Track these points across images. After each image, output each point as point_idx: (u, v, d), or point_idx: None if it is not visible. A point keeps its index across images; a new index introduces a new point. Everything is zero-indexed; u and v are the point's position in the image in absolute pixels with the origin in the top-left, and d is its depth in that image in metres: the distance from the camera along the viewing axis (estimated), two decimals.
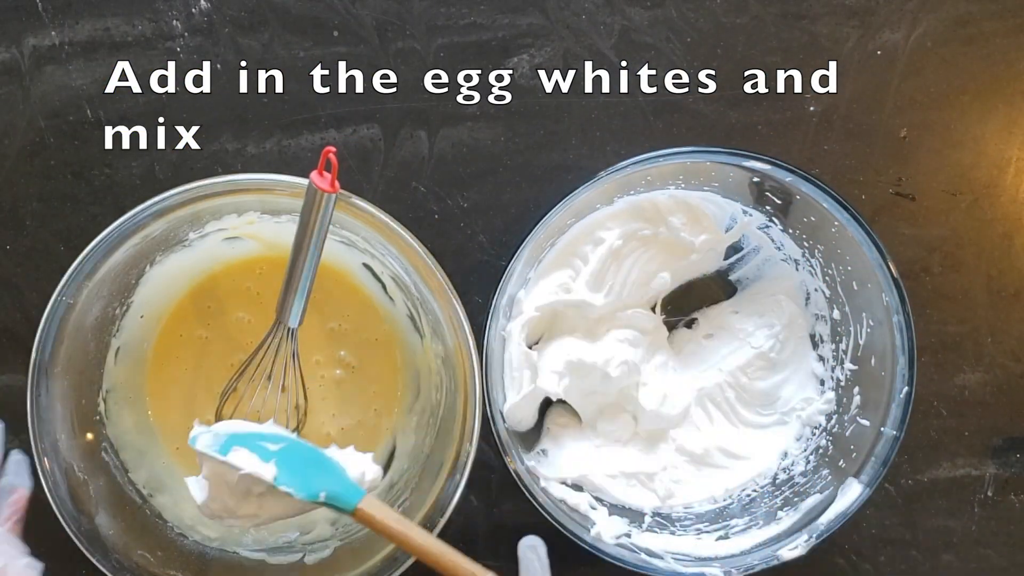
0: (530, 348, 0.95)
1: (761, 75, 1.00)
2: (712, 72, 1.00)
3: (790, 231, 0.94)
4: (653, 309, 1.00)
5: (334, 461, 0.87)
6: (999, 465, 1.02)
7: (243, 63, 0.98)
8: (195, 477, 0.87)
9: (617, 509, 0.97)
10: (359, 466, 0.90)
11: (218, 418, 0.94)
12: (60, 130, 0.98)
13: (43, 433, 0.88)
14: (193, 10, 0.98)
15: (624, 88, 1.00)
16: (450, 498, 0.89)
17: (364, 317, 0.99)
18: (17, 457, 0.87)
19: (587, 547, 0.90)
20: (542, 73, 0.99)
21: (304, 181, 0.86)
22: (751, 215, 0.95)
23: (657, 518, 0.97)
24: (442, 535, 0.88)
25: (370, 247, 0.94)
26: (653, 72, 1.00)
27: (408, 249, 0.88)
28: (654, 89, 1.00)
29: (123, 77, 0.98)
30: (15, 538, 0.82)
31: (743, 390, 1.00)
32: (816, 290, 0.97)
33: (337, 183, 0.85)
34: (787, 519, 0.94)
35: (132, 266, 0.92)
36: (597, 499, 0.97)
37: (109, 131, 0.98)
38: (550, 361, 0.95)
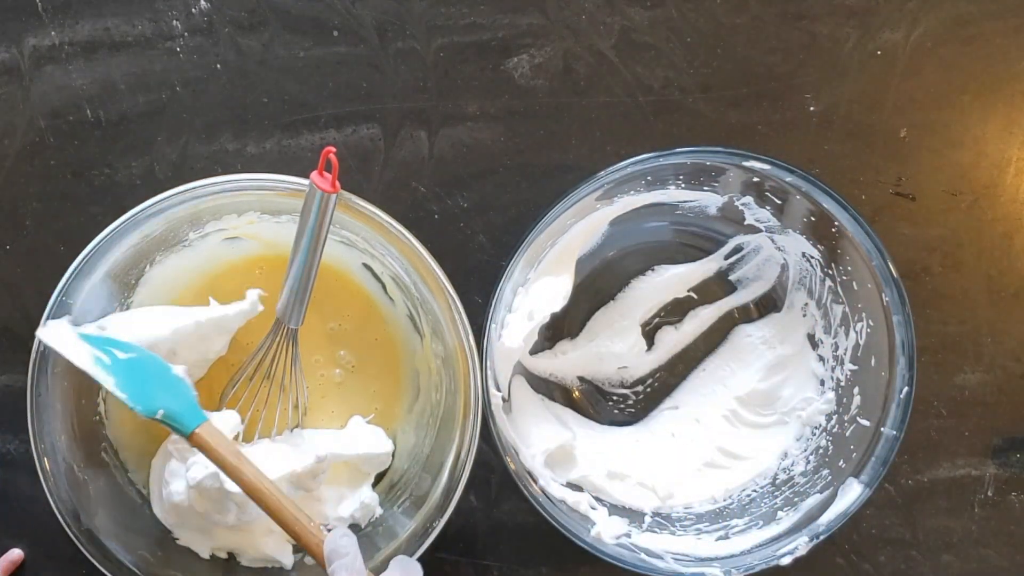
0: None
1: (761, 75, 1.00)
2: (712, 72, 1.00)
3: (790, 231, 0.94)
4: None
5: (185, 383, 0.87)
6: (999, 465, 1.02)
7: (243, 63, 0.98)
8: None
9: (617, 509, 0.97)
10: (369, 439, 0.94)
11: None
12: (60, 130, 0.98)
13: (43, 433, 0.89)
14: (193, 10, 0.98)
15: (624, 88, 1.00)
16: (450, 498, 0.89)
17: (364, 317, 0.99)
18: None
19: (587, 547, 0.90)
20: (542, 73, 0.99)
21: (304, 181, 0.86)
22: (751, 210, 0.95)
23: (657, 518, 0.97)
24: (442, 535, 0.89)
25: (370, 247, 0.94)
26: (653, 72, 1.00)
27: (408, 249, 0.88)
28: (654, 89, 1.00)
29: (123, 77, 0.98)
30: None
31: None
32: (816, 290, 0.97)
33: (338, 183, 0.85)
34: (787, 519, 0.94)
35: (132, 266, 0.92)
36: (597, 499, 0.97)
37: (109, 131, 0.98)
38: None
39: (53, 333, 0.86)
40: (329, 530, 0.82)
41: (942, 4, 1.00)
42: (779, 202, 0.92)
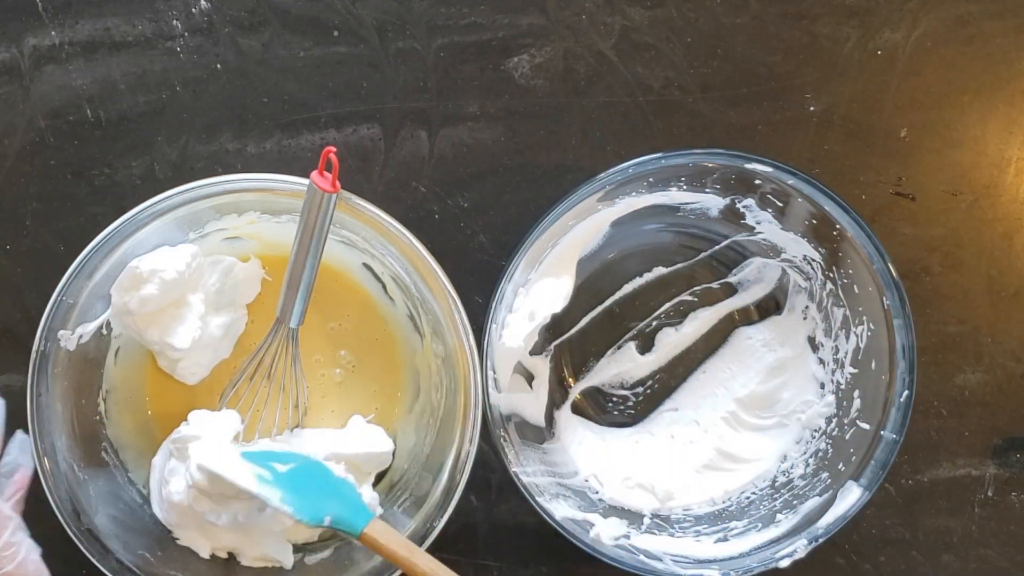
0: None
1: (761, 75, 1.00)
2: (712, 72, 1.00)
3: (791, 233, 0.94)
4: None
5: (348, 483, 0.88)
6: (999, 465, 1.02)
7: (243, 63, 0.98)
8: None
9: (616, 510, 0.97)
10: (369, 438, 0.94)
11: None
12: (60, 130, 0.98)
13: (43, 433, 0.89)
14: (193, 10, 0.98)
15: (624, 88, 0.99)
16: (450, 498, 0.89)
17: (364, 317, 0.99)
18: (21, 437, 0.87)
19: (586, 548, 0.90)
20: (542, 73, 0.99)
21: (304, 181, 0.86)
22: (753, 213, 0.95)
23: (656, 520, 0.97)
24: (442, 535, 0.89)
25: (370, 247, 0.94)
26: (653, 72, 1.00)
27: (408, 249, 0.89)
28: (654, 89, 1.00)
29: (123, 77, 0.98)
30: (19, 518, 0.83)
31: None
32: (817, 293, 0.97)
33: (338, 183, 0.85)
34: (786, 522, 0.94)
35: None
36: (597, 499, 0.97)
37: (109, 131, 0.98)
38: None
39: (213, 456, 0.86)
40: None
41: (942, 4, 1.00)
42: (781, 205, 0.92)
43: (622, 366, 1.01)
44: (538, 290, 0.94)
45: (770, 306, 1.01)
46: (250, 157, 0.99)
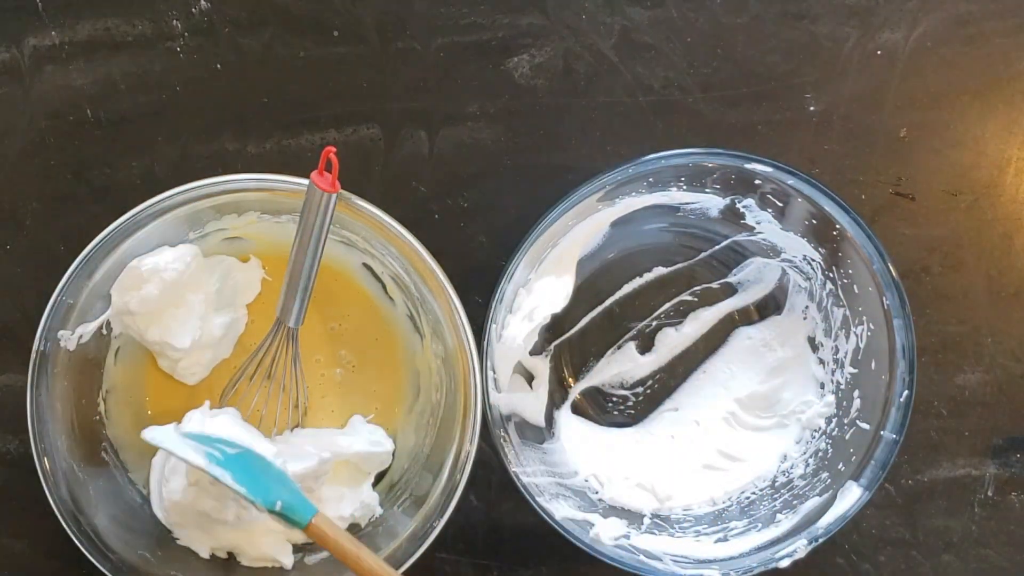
0: None
1: (761, 75, 1.00)
2: (712, 72, 1.00)
3: (791, 233, 0.94)
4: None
5: (287, 475, 0.87)
6: (999, 465, 1.02)
7: (243, 63, 0.98)
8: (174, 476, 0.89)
9: (616, 510, 0.97)
10: (369, 438, 0.94)
11: None
12: (60, 130, 0.98)
13: (43, 433, 0.89)
14: (193, 10, 0.98)
15: (624, 88, 0.99)
16: (450, 498, 0.89)
17: (364, 317, 0.99)
18: None
19: (586, 548, 0.90)
20: (542, 73, 0.99)
21: (304, 181, 0.86)
22: (753, 213, 0.95)
23: (656, 520, 0.97)
24: (442, 535, 0.89)
25: (370, 247, 0.94)
26: (653, 72, 1.00)
27: (408, 249, 0.89)
28: (654, 89, 1.00)
29: (123, 77, 0.98)
30: None
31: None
32: (817, 293, 0.97)
33: (338, 183, 0.85)
34: (786, 522, 0.94)
35: None
36: (596, 500, 0.97)
37: (109, 131, 0.98)
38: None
39: (160, 435, 0.85)
40: None
41: (942, 4, 1.00)
42: (781, 205, 0.92)
43: (622, 366, 1.01)
44: (538, 290, 0.94)
45: (770, 306, 1.01)
46: (250, 157, 0.99)
